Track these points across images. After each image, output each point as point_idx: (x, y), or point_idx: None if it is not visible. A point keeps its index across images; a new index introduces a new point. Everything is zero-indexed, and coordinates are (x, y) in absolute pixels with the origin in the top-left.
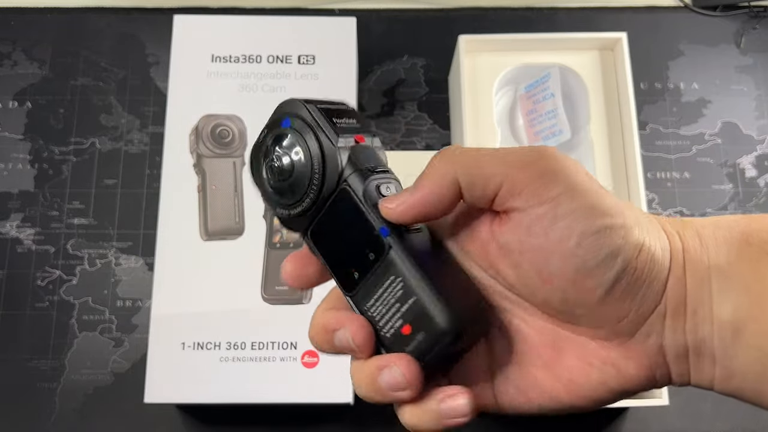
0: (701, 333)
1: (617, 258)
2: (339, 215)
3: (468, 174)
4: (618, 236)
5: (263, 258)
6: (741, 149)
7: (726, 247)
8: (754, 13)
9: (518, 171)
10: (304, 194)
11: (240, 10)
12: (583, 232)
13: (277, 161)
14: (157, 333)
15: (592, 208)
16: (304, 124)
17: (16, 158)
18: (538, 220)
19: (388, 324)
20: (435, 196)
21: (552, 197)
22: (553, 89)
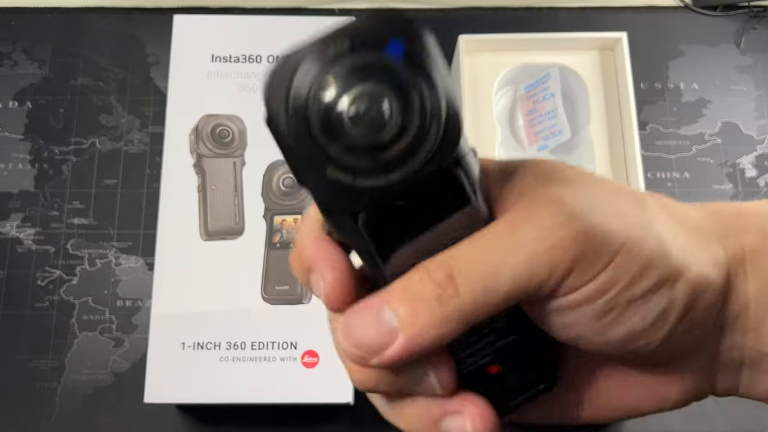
0: (764, 348)
1: (670, 312)
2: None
3: (482, 314)
4: (667, 289)
5: (263, 258)
6: (741, 149)
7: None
8: (754, 13)
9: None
10: (397, 162)
11: (240, 10)
12: (628, 301)
13: (373, 103)
14: (157, 333)
15: (638, 271)
16: (429, 63)
17: (16, 158)
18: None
19: (468, 359)
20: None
21: (591, 277)
22: (553, 89)
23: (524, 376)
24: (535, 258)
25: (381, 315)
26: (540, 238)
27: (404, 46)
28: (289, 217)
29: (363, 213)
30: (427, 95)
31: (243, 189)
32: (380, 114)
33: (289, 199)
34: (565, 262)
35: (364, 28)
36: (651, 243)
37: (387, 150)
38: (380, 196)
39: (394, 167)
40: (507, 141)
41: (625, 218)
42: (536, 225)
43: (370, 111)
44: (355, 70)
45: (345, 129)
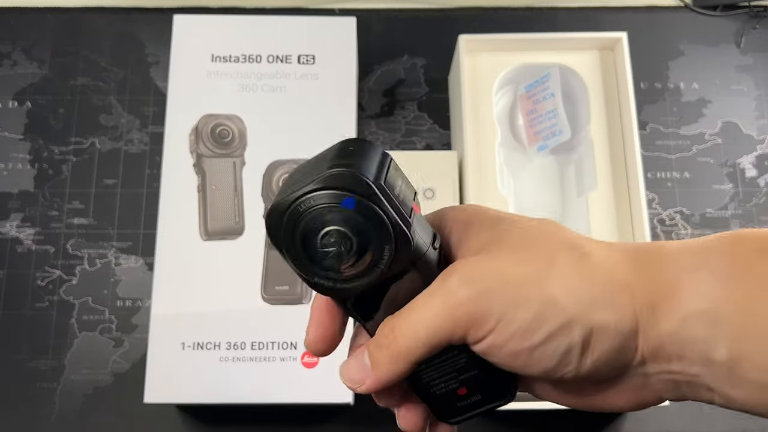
0: (691, 371)
1: (571, 353)
2: (399, 291)
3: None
4: (563, 336)
5: (263, 258)
6: (741, 149)
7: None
8: (754, 12)
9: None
10: (361, 276)
11: (240, 10)
12: (530, 348)
13: (336, 241)
14: (156, 333)
15: (528, 325)
16: (374, 212)
17: (15, 158)
18: (490, 349)
19: (440, 384)
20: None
21: (490, 330)
22: (553, 89)
23: (486, 395)
24: (441, 317)
25: (362, 358)
26: (444, 301)
27: (355, 201)
28: None
29: (353, 300)
30: (378, 233)
31: (243, 189)
32: (341, 249)
33: None
34: (463, 319)
35: (329, 186)
36: (539, 300)
37: (352, 270)
38: (355, 293)
39: (359, 279)
40: (507, 141)
41: (516, 283)
42: (443, 290)
43: (334, 247)
44: (324, 218)
45: (319, 256)
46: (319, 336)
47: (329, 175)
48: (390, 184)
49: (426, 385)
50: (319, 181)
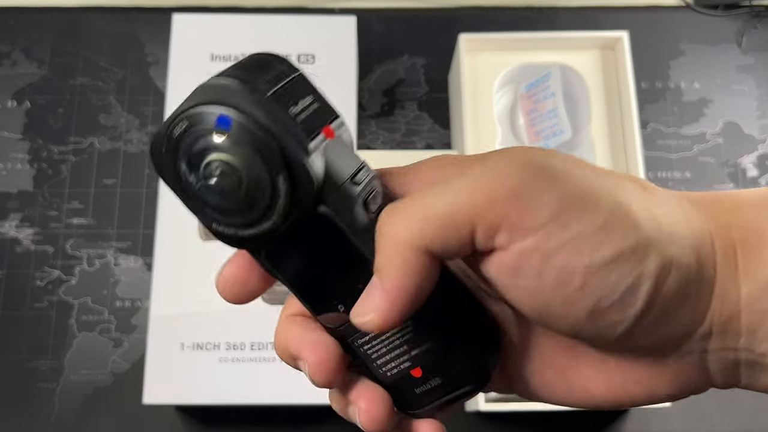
0: (760, 350)
1: (639, 289)
2: (315, 242)
3: (430, 235)
4: (635, 262)
5: None
6: (742, 149)
7: None
8: (755, 12)
9: (487, 201)
10: (261, 218)
11: (239, 9)
12: (588, 268)
13: (216, 173)
14: (156, 333)
15: (595, 232)
16: (257, 128)
17: (15, 158)
18: (526, 259)
19: (390, 364)
20: (410, 285)
21: (540, 224)
22: (553, 88)
23: (444, 381)
24: (473, 193)
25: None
26: (486, 169)
27: (229, 119)
28: None
29: (265, 252)
30: (265, 160)
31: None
32: (226, 184)
33: None
34: (501, 203)
35: (197, 105)
36: (613, 207)
37: (245, 207)
38: (262, 241)
39: (259, 221)
40: (507, 140)
41: (589, 177)
42: (488, 161)
43: (217, 182)
44: (200, 144)
45: (205, 197)
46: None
47: (201, 88)
48: (283, 99)
49: (373, 363)
50: (192, 98)
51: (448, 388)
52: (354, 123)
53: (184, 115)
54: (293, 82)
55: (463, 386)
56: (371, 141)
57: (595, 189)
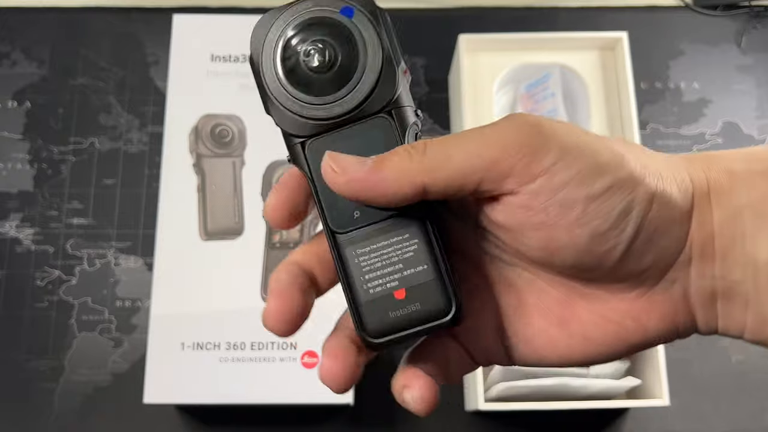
0: (732, 276)
1: (630, 214)
2: (360, 140)
3: (437, 179)
4: (626, 191)
5: (263, 258)
6: None
7: (763, 181)
8: (754, 12)
9: (500, 153)
10: (337, 100)
11: (240, 10)
12: (587, 198)
13: (322, 49)
14: (156, 333)
15: (590, 169)
16: (372, 25)
17: (15, 158)
18: (534, 198)
19: (376, 280)
20: (391, 191)
21: (545, 168)
22: (553, 89)
23: (427, 307)
24: (488, 141)
25: (365, 161)
26: (495, 127)
27: (353, 12)
28: None
29: (309, 141)
30: (368, 51)
31: (242, 189)
32: (325, 58)
33: None
34: (513, 151)
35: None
36: (606, 152)
37: (327, 85)
38: (323, 126)
39: (334, 103)
40: None
41: (583, 135)
42: (496, 123)
43: (318, 56)
44: (313, 25)
45: (300, 69)
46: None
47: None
48: (389, 22)
49: (362, 276)
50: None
51: (423, 317)
52: None
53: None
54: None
55: (438, 318)
56: None
57: (591, 138)
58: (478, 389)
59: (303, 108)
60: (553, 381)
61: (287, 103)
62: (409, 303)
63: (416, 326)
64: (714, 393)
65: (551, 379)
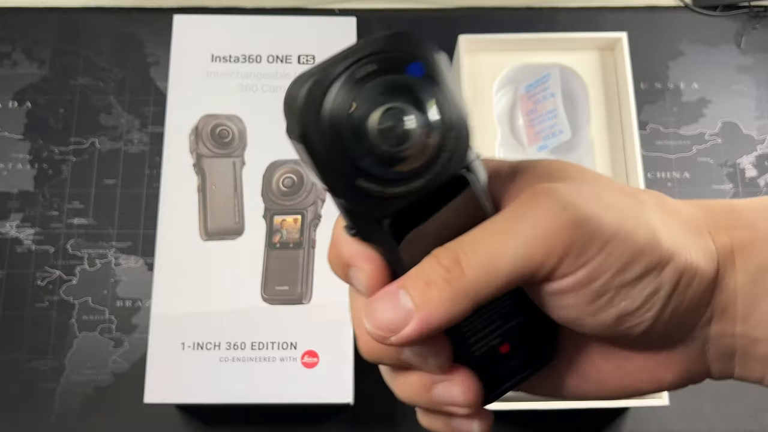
0: (753, 334)
1: (658, 294)
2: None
3: (487, 294)
4: (656, 273)
5: (263, 258)
6: (741, 149)
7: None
8: (754, 12)
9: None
10: (417, 173)
11: (240, 10)
12: (620, 285)
13: (400, 119)
14: (156, 333)
15: (629, 258)
16: (442, 78)
17: (15, 158)
18: (570, 287)
19: (482, 340)
20: (443, 323)
21: (584, 262)
22: (553, 89)
23: (530, 354)
24: (532, 244)
25: (398, 299)
26: (537, 226)
27: (423, 67)
28: (288, 217)
29: (387, 218)
30: (444, 109)
31: (243, 189)
32: (405, 128)
33: (289, 199)
34: (559, 249)
35: (387, 51)
36: (642, 232)
37: (410, 160)
38: (403, 202)
39: (416, 176)
40: (507, 141)
41: (618, 210)
42: (533, 214)
43: (396, 126)
44: (383, 89)
45: (374, 143)
46: (376, 271)
47: (388, 36)
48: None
49: (465, 342)
50: (373, 44)
51: (528, 363)
52: None
53: (372, 57)
54: None
55: (538, 361)
56: None
57: (627, 221)
58: None
59: (382, 187)
60: None
61: (360, 182)
62: (515, 355)
63: (521, 373)
64: (714, 393)
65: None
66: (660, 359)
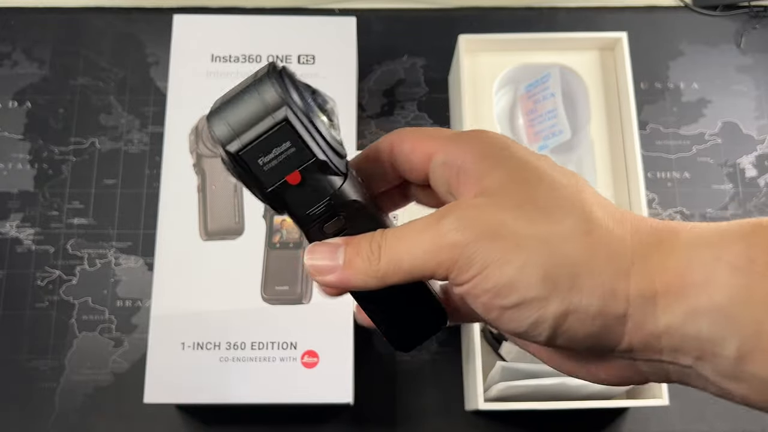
0: (685, 362)
1: (542, 326)
2: None
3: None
4: (535, 308)
5: (263, 258)
6: (741, 149)
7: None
8: (754, 12)
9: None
10: None
11: (240, 10)
12: (501, 307)
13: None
14: (156, 333)
15: (502, 287)
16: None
17: (15, 158)
18: (466, 295)
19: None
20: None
21: (469, 278)
22: (553, 89)
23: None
24: (429, 254)
25: (335, 252)
26: (434, 240)
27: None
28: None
29: None
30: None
31: (242, 189)
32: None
33: None
34: (446, 263)
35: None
36: (512, 271)
37: None
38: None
39: None
40: None
41: (505, 238)
42: (437, 228)
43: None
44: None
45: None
46: None
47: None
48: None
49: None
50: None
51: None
52: (354, 123)
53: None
54: (276, 132)
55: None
56: (371, 141)
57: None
58: (477, 389)
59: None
60: (552, 381)
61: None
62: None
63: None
64: None
65: (551, 378)
66: (592, 365)
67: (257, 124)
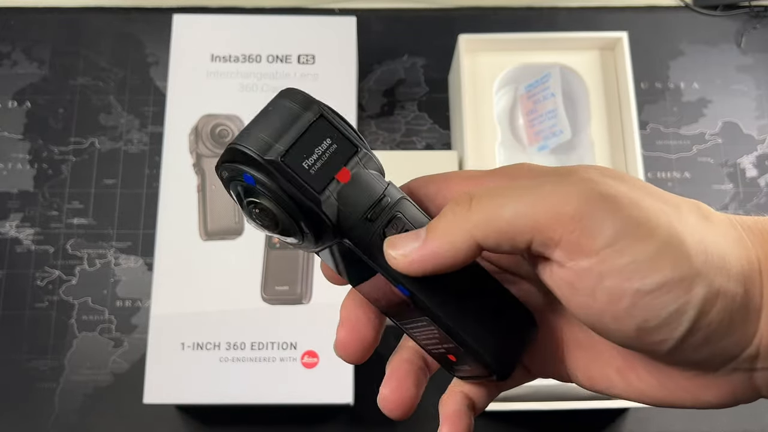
0: None
1: (684, 315)
2: (348, 257)
3: (487, 234)
4: (681, 291)
5: (263, 258)
6: (741, 149)
7: None
8: (754, 12)
9: (550, 219)
10: (301, 240)
11: (240, 10)
12: (637, 292)
13: (258, 215)
14: (156, 333)
15: (645, 261)
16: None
17: (15, 158)
18: (580, 279)
19: (430, 346)
20: (449, 254)
21: (595, 250)
22: (553, 89)
23: (473, 369)
24: (540, 203)
25: (419, 234)
26: (552, 190)
27: (253, 177)
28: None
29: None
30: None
31: None
32: (263, 220)
33: None
34: (566, 217)
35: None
36: (659, 243)
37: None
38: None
39: (301, 241)
40: (507, 141)
41: (645, 207)
42: (555, 181)
43: (256, 217)
44: (242, 188)
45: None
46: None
47: (228, 147)
48: (299, 152)
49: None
50: (225, 152)
51: (476, 374)
52: (354, 123)
53: (225, 166)
54: (313, 129)
55: (488, 376)
56: (371, 141)
57: (652, 219)
58: None
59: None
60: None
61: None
62: (462, 365)
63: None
64: None
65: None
66: (700, 383)
67: (292, 126)
